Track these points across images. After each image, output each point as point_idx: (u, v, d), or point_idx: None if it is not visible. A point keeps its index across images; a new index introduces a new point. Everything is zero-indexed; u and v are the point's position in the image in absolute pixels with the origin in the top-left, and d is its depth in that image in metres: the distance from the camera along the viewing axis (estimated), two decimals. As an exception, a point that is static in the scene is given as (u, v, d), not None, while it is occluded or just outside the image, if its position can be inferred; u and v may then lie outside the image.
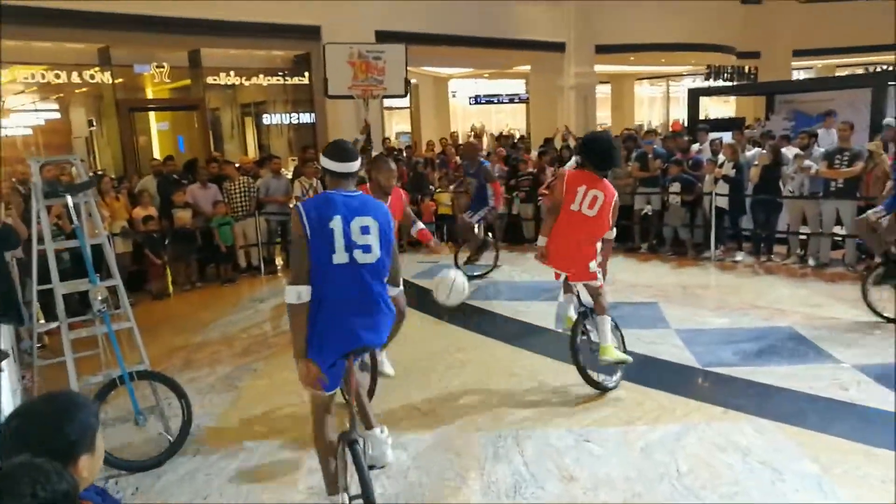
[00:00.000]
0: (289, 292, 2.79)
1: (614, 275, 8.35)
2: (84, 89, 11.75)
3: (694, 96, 12.50)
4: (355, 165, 2.98)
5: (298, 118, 13.97)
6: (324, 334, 2.82)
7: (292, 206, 3.26)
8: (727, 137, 9.55)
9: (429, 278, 6.97)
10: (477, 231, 8.42)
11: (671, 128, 18.76)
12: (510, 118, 23.19)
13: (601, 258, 4.69)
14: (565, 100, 16.58)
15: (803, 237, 8.49)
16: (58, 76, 11.00)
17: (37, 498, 1.33)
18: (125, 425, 4.29)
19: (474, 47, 14.66)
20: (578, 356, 4.69)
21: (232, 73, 12.93)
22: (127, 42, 10.99)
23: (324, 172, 3.07)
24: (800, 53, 20.10)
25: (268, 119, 14.22)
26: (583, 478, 3.68)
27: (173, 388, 4.21)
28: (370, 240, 2.84)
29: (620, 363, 4.77)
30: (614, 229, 4.71)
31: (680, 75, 23.12)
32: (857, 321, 6.12)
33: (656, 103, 25.98)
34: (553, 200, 4.74)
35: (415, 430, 4.31)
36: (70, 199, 4.06)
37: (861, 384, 4.71)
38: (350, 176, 2.97)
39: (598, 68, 17.37)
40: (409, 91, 10.33)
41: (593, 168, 4.57)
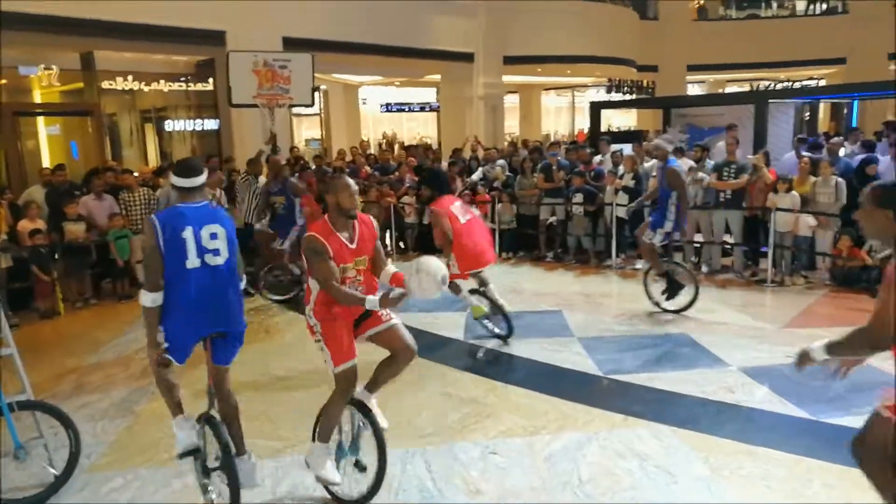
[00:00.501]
0: (144, 297, 3.25)
1: (520, 284, 8.60)
2: (-38, 92, 10.94)
3: (595, 109, 12.97)
4: (200, 179, 3.41)
5: (203, 125, 13.50)
6: (185, 324, 3.28)
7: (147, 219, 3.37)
8: (627, 149, 9.95)
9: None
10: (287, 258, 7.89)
11: (577, 137, 19.45)
12: (422, 126, 23.28)
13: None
14: (475, 110, 16.83)
15: (697, 245, 8.96)
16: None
17: None
18: (3, 461, 3.99)
19: (384, 56, 14.65)
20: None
21: (130, 77, 12.36)
22: (11, 42, 10.29)
23: (173, 188, 3.46)
24: (694, 68, 21.30)
25: (170, 126, 13.67)
26: (489, 490, 3.73)
27: (59, 417, 3.95)
28: (219, 244, 3.31)
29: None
30: None
31: (585, 86, 23.95)
32: (744, 325, 6.51)
33: (563, 113, 26.77)
34: (442, 236, 5.96)
35: (321, 450, 4.23)
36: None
37: (745, 386, 5.02)
38: (197, 189, 3.38)
39: (506, 79, 17.75)
40: (314, 101, 10.12)
41: (438, 192, 6.10)
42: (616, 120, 22.66)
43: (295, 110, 14.62)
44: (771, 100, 10.59)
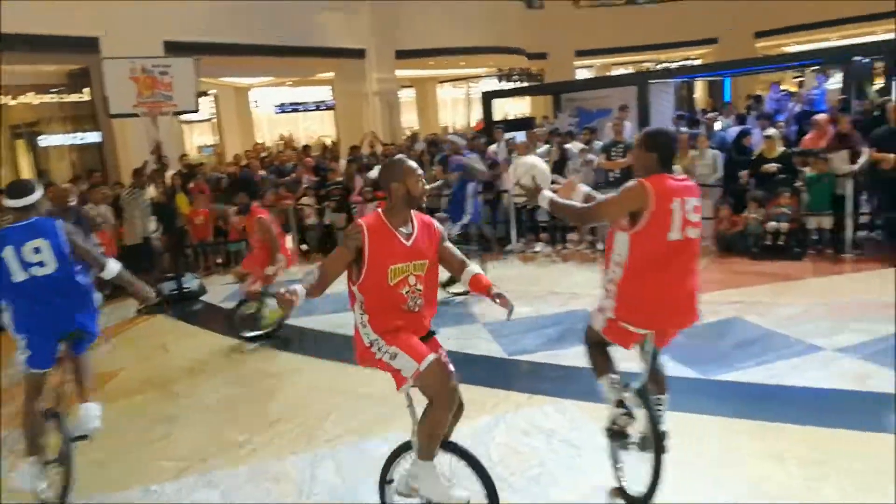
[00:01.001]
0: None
1: (427, 276, 8.63)
2: None
3: (487, 99, 13.18)
4: (30, 199, 3.64)
5: (82, 138, 12.75)
6: (31, 329, 3.60)
7: None
8: (521, 136, 10.18)
9: (233, 301, 6.72)
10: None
11: (475, 128, 19.69)
12: (319, 126, 22.92)
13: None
14: (371, 106, 16.72)
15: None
16: None
17: None
18: None
19: (273, 56, 14.31)
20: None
21: (-7, 90, 11.53)
22: None
23: (6, 209, 3.81)
24: (581, 54, 22.00)
25: (45, 141, 12.82)
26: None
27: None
28: (43, 256, 3.55)
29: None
30: None
31: (479, 77, 24.28)
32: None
33: (459, 105, 27.03)
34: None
35: (228, 467, 4.11)
36: None
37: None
38: (30, 207, 3.63)
39: (400, 73, 17.73)
40: (199, 106, 9.72)
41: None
42: (511, 108, 23.12)
43: (185, 116, 14.05)
44: (651, 80, 11.11)
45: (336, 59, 16.07)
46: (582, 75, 22.99)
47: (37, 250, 3.54)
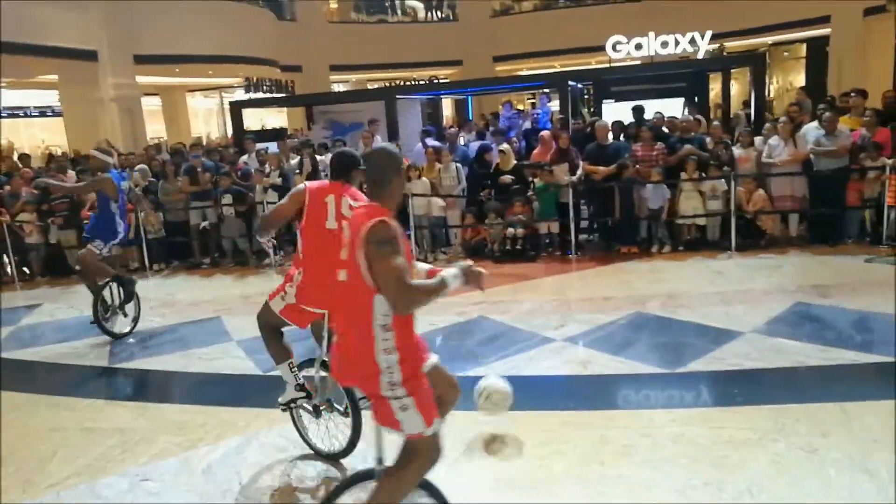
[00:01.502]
0: None
1: (174, 295, 8.08)
2: None
3: (236, 109, 12.75)
4: None
5: None
6: None
7: None
8: (273, 147, 9.96)
9: None
10: None
11: (231, 139, 18.86)
12: (47, 134, 20.29)
13: None
14: (107, 113, 15.20)
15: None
16: None
17: None
18: None
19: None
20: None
21: None
22: None
23: None
24: (336, 68, 22.26)
25: None
26: (141, 522, 3.42)
27: None
28: None
29: None
30: None
31: (232, 87, 23.32)
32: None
33: (213, 116, 25.72)
34: None
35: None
36: None
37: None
38: None
39: (142, 79, 16.38)
40: None
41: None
42: (270, 120, 22.59)
43: None
44: (398, 96, 11.58)
45: (60, 60, 14.31)
46: (338, 90, 23.26)
47: None
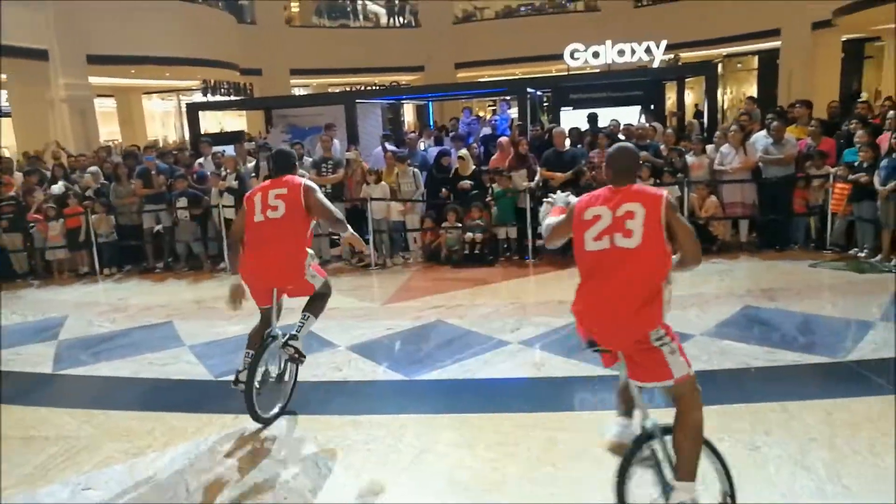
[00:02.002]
0: None
1: (127, 300, 7.90)
2: None
3: (193, 111, 12.55)
4: None
5: None
6: None
7: None
8: (231, 150, 9.82)
9: None
10: None
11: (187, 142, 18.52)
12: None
13: None
14: (58, 114, 14.78)
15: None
16: None
17: None
18: None
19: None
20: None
21: None
22: None
23: None
24: (297, 72, 22.07)
25: None
26: (81, 531, 3.32)
27: None
28: None
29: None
30: None
31: (191, 90, 22.94)
32: (351, 307, 6.96)
33: (170, 118, 25.23)
34: None
35: None
36: None
37: (351, 362, 5.39)
38: None
39: (97, 80, 15.98)
40: None
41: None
42: (229, 123, 22.28)
43: None
44: (357, 100, 11.53)
45: (9, 59, 13.86)
46: (299, 94, 23.08)
47: None
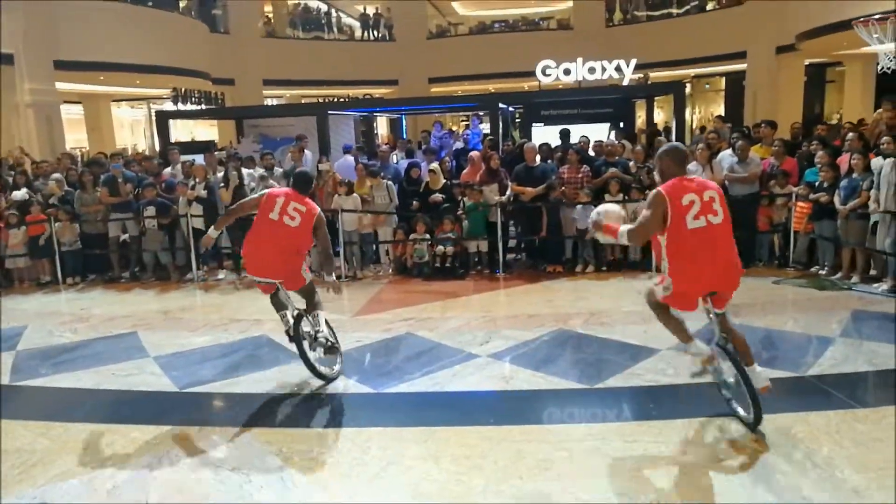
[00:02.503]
0: None
1: (90, 310, 7.76)
2: None
3: (163, 119, 12.42)
4: None
5: None
6: None
7: None
8: (200, 159, 9.72)
9: None
10: None
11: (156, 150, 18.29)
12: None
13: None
14: (23, 119, 14.50)
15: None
16: None
17: None
18: None
19: None
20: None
21: None
22: None
23: None
24: (270, 83, 21.98)
25: None
26: (36, 547, 3.23)
27: None
28: None
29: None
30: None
31: (162, 98, 22.68)
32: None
33: (140, 126, 24.91)
34: None
35: None
36: None
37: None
38: None
39: (64, 86, 15.73)
40: None
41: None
42: (200, 133, 22.10)
43: None
44: (330, 111, 11.53)
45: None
46: (270, 104, 22.98)
47: None
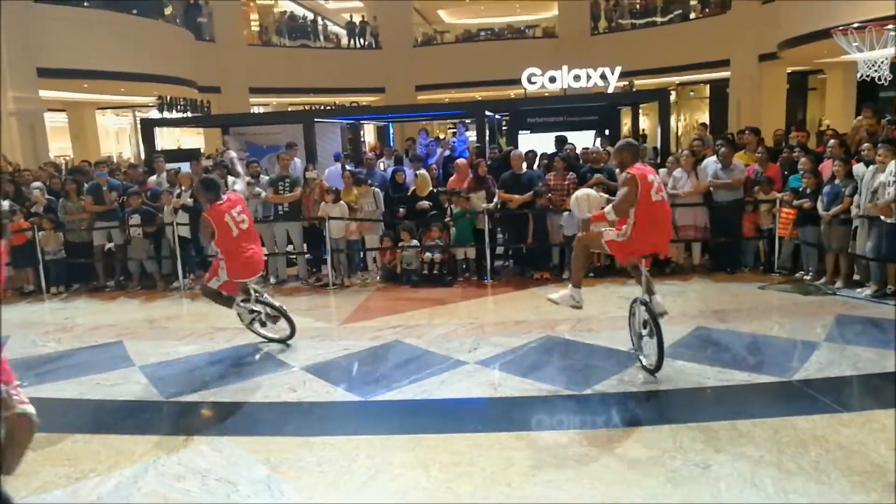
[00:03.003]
0: None
1: (74, 319, 7.69)
2: None
3: (148, 127, 12.36)
4: None
5: None
6: None
7: None
8: (186, 167, 9.68)
9: None
10: None
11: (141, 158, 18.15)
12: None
13: None
14: (6, 127, 14.37)
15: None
16: None
17: None
18: None
19: None
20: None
21: None
22: None
23: None
24: (256, 91, 21.93)
25: None
26: (19, 560, 3.18)
27: None
28: None
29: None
30: None
31: (148, 106, 22.57)
32: (308, 327, 6.86)
33: (126, 134, 24.76)
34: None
35: None
36: None
37: (307, 383, 5.32)
38: None
39: (48, 94, 15.62)
40: None
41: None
42: (187, 141, 22.01)
43: None
44: (317, 119, 11.53)
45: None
46: (256, 112, 22.94)
47: None
